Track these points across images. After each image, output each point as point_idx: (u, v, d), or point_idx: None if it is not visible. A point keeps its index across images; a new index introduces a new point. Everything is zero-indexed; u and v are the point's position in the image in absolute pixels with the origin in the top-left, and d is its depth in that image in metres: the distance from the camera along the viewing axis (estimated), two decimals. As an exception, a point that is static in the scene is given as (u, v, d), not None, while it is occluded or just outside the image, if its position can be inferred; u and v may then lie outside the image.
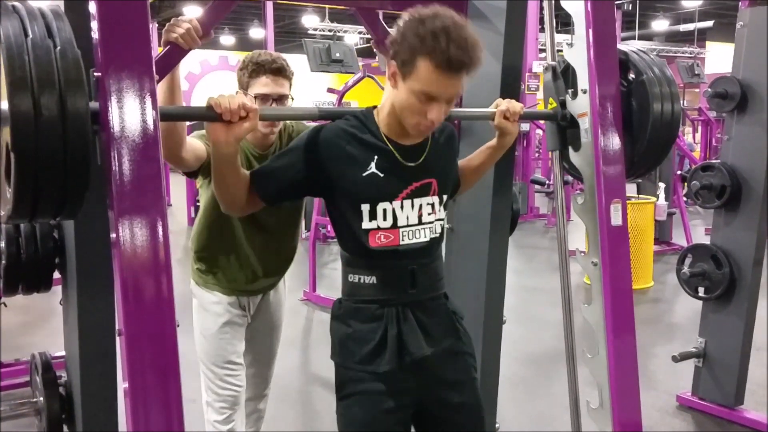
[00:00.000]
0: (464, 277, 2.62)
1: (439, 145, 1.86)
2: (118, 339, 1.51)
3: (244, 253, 2.37)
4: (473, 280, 2.58)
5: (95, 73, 1.48)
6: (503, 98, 2.04)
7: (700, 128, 13.86)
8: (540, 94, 14.21)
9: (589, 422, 2.29)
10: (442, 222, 1.85)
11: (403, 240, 1.76)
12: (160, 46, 2.04)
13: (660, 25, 21.84)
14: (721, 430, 3.70)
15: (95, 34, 1.51)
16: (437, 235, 1.83)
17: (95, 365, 2.09)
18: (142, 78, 1.50)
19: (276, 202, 1.87)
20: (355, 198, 1.74)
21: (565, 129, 2.26)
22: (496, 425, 2.70)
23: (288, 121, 2.47)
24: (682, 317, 5.97)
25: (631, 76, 2.23)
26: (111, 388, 2.10)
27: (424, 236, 1.79)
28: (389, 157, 1.75)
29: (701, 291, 3.89)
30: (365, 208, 1.73)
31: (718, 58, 18.22)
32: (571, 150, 2.27)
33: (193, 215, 10.52)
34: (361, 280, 1.78)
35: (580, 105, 2.23)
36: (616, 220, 2.19)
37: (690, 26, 19.99)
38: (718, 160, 3.82)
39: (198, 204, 10.72)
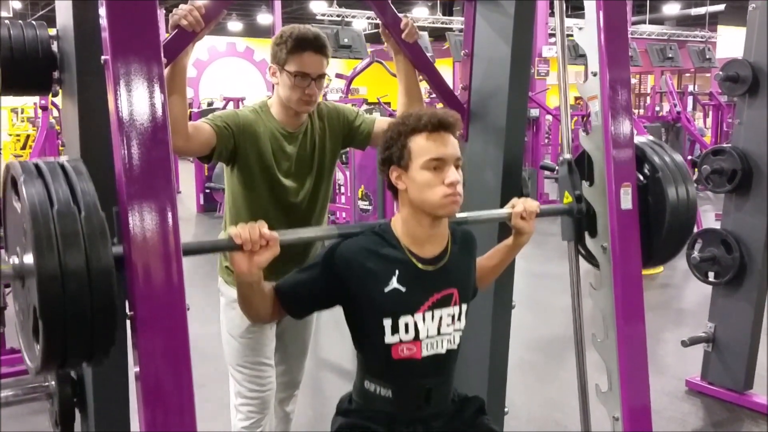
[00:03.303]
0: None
1: (459, 252, 1.85)
2: (129, 323, 1.51)
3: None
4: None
5: (103, 57, 1.49)
6: (513, 88, 2.01)
7: (711, 113, 13.77)
8: (549, 80, 14.15)
9: (598, 406, 2.29)
10: (460, 333, 1.84)
11: (424, 352, 1.76)
12: (167, 31, 2.03)
13: (671, 8, 21.65)
14: (730, 415, 3.70)
15: (103, 20, 1.51)
16: (455, 347, 1.82)
17: (106, 350, 2.10)
18: (149, 62, 1.50)
19: (301, 316, 1.92)
20: (378, 313, 1.73)
21: (581, 221, 2.26)
22: (505, 410, 2.70)
23: (321, 101, 2.41)
24: (691, 302, 5.96)
25: (647, 171, 2.24)
26: (122, 373, 2.11)
27: (441, 347, 1.78)
28: (410, 268, 1.75)
29: (711, 276, 3.88)
30: (387, 323, 1.73)
31: (730, 43, 18.06)
32: (581, 133, 2.26)
33: (202, 202, 10.55)
34: (377, 391, 1.79)
35: (591, 88, 2.22)
36: (626, 203, 2.18)
37: (701, 10, 19.80)
38: (729, 145, 3.79)
39: (207, 191, 10.73)
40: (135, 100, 1.48)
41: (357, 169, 7.07)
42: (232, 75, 21.59)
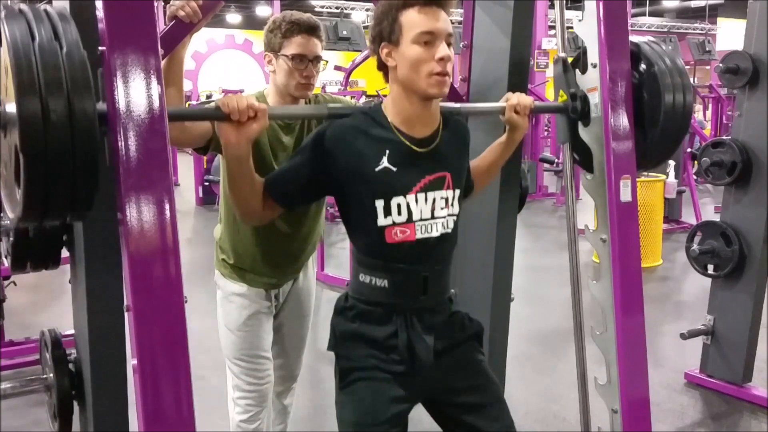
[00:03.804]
0: (472, 256, 2.61)
1: (451, 138, 1.82)
2: (126, 315, 1.51)
3: (272, 240, 2.31)
4: (481, 258, 2.57)
5: (100, 48, 1.48)
6: (512, 80, 2.00)
7: (710, 105, 13.76)
8: (550, 72, 14.16)
9: (597, 399, 2.29)
10: (455, 218, 1.81)
11: (418, 234, 1.73)
12: (165, 22, 2.02)
13: (671, 0, 21.61)
14: (729, 407, 3.71)
15: (100, 11, 1.50)
16: (449, 231, 1.79)
17: (104, 342, 2.10)
18: (147, 53, 1.49)
19: (293, 206, 1.87)
20: (369, 194, 1.71)
21: (576, 121, 2.23)
22: (504, 402, 2.70)
23: (319, 93, 2.40)
24: (690, 295, 5.97)
25: (642, 67, 2.20)
26: (120, 364, 2.11)
27: (435, 230, 1.76)
28: (401, 148, 1.72)
29: (710, 268, 3.89)
30: (379, 204, 1.71)
31: (730, 35, 18.03)
32: (580, 125, 2.25)
33: (201, 194, 10.54)
34: (373, 282, 1.76)
35: (590, 79, 2.21)
36: (625, 196, 2.17)
37: (701, 2, 19.78)
38: (729, 137, 3.79)
39: (206, 183, 10.71)
40: (132, 92, 1.47)
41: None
42: (231, 67, 21.55)
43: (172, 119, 1.53)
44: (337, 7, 17.88)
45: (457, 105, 1.94)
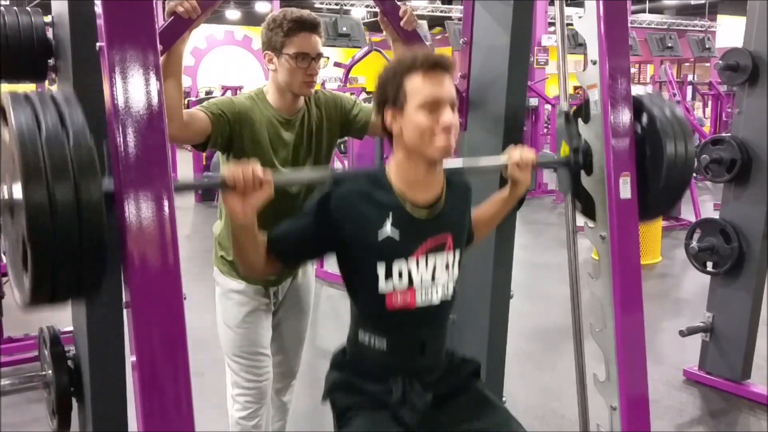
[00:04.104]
0: (472, 253, 2.61)
1: (454, 199, 1.83)
2: (125, 312, 1.51)
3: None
4: (481, 255, 2.57)
5: (98, 44, 1.47)
6: (512, 77, 1.99)
7: (710, 102, 13.76)
8: (549, 69, 14.12)
9: (596, 395, 2.29)
10: (454, 283, 1.82)
11: (418, 300, 1.74)
12: (164, 18, 2.02)
13: (671, -3, 21.60)
14: (728, 404, 3.71)
15: (98, 7, 1.50)
16: (449, 299, 1.80)
17: (103, 339, 2.10)
18: (145, 49, 1.48)
19: (296, 265, 1.90)
20: (371, 258, 1.71)
21: (578, 174, 2.24)
22: (503, 399, 2.71)
23: (319, 90, 2.41)
24: (689, 292, 5.97)
25: (644, 121, 2.21)
26: (119, 362, 2.11)
27: (435, 295, 1.76)
28: (404, 214, 1.72)
29: (709, 265, 3.89)
30: (381, 268, 1.71)
31: (730, 32, 18.02)
32: (580, 122, 2.25)
33: (200, 191, 10.53)
34: (372, 344, 1.78)
35: (590, 76, 2.20)
36: (625, 193, 2.17)
37: (701, -1, 19.77)
38: (729, 134, 3.79)
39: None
40: (131, 88, 1.47)
41: (355, 158, 7.06)
42: (231, 63, 21.52)
43: (178, 190, 1.53)
44: (336, 4, 17.83)
45: (459, 161, 1.94)
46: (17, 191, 1.30)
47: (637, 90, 2.24)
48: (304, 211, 1.79)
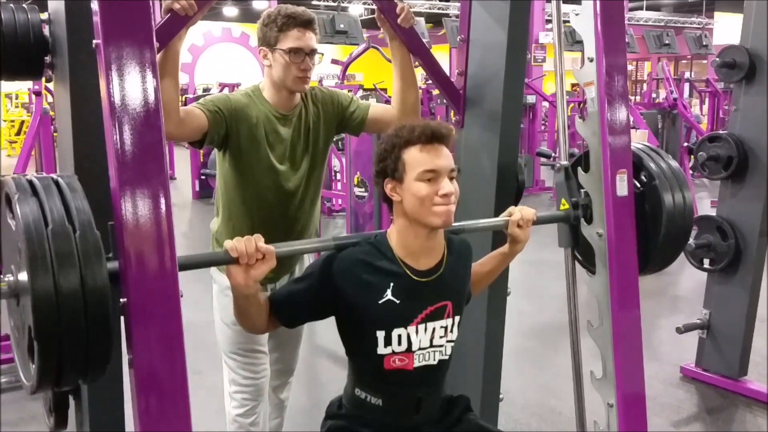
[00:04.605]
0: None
1: (455, 263, 1.85)
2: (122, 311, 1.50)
3: (268, 235, 2.30)
4: (477, 252, 2.57)
5: (95, 42, 1.47)
6: (509, 74, 1.99)
7: (707, 100, 13.76)
8: (546, 66, 14.12)
9: (593, 392, 2.29)
10: (452, 344, 1.84)
11: (416, 363, 1.77)
12: (161, 15, 2.01)
13: (668, -5, 21.60)
14: (725, 401, 3.72)
15: (95, 4, 1.49)
16: (446, 358, 1.83)
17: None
18: (142, 46, 1.48)
19: (296, 325, 1.94)
20: (371, 325, 1.74)
21: (578, 228, 2.25)
22: (501, 396, 2.71)
23: (315, 85, 2.40)
24: (686, 289, 5.98)
25: (643, 179, 2.24)
26: (116, 359, 2.10)
27: (433, 359, 1.79)
28: (405, 281, 1.75)
29: (706, 262, 3.89)
30: (381, 334, 1.73)
31: (727, 29, 18.02)
32: (577, 120, 2.25)
33: (197, 188, 10.52)
34: (368, 399, 1.81)
35: (587, 74, 2.20)
36: (622, 190, 2.17)
37: (698, -4, 19.76)
38: (726, 131, 3.79)
39: (202, 177, 10.69)
40: (127, 85, 1.47)
41: (353, 155, 7.05)
42: (228, 60, 21.50)
43: (182, 269, 1.53)
44: (334, 1, 17.82)
45: (460, 224, 1.96)
46: (23, 277, 1.31)
47: (634, 146, 2.26)
48: (306, 273, 1.82)
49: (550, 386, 3.91)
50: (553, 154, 10.18)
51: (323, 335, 4.68)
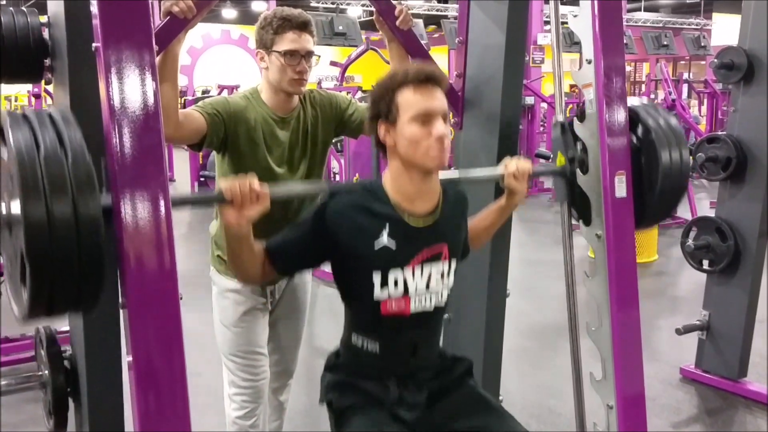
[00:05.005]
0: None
1: (450, 211, 1.85)
2: (121, 312, 1.51)
3: (268, 236, 2.31)
4: (477, 253, 2.57)
5: (94, 45, 1.47)
6: (508, 76, 2.00)
7: (705, 101, 13.77)
8: (545, 68, 14.12)
9: (592, 394, 2.29)
10: (448, 290, 1.85)
11: (412, 307, 1.77)
12: (160, 18, 2.01)
13: (666, -4, 21.61)
14: (725, 402, 3.72)
15: (94, 7, 1.50)
16: (442, 304, 1.83)
17: (99, 339, 2.10)
18: (141, 49, 1.48)
19: (291, 274, 1.93)
20: (367, 268, 1.74)
21: (574, 183, 2.25)
22: (500, 397, 2.71)
23: (314, 88, 2.41)
24: (686, 290, 5.98)
25: (640, 132, 2.23)
26: (115, 361, 2.11)
27: (428, 303, 1.79)
28: (400, 224, 1.75)
29: (705, 264, 3.89)
30: (377, 277, 1.73)
31: (725, 30, 18.06)
32: (576, 121, 2.25)
33: (197, 190, 10.52)
34: (365, 346, 1.81)
35: (585, 75, 2.21)
36: (620, 192, 2.17)
37: (696, -3, 19.78)
38: (724, 132, 3.79)
39: (201, 179, 10.67)
40: (126, 88, 1.47)
41: (352, 157, 7.06)
42: (227, 63, 21.51)
43: (176, 205, 1.53)
44: (332, 3, 17.84)
45: (456, 173, 1.95)
46: (15, 208, 1.31)
47: (632, 101, 2.25)
48: (302, 221, 1.82)
49: (549, 387, 3.91)
50: (551, 156, 10.18)
51: (322, 336, 4.68)
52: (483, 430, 1.81)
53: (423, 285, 1.77)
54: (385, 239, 1.72)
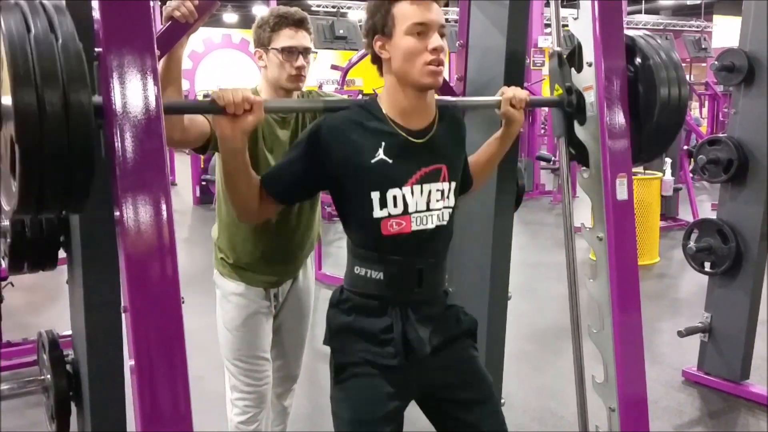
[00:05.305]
0: (469, 253, 2.62)
1: (447, 130, 1.83)
2: (123, 316, 1.51)
3: (271, 238, 2.31)
4: (478, 256, 2.57)
5: (96, 50, 1.48)
6: (508, 79, 2.01)
7: (707, 103, 13.76)
8: (546, 70, 14.13)
9: (594, 397, 2.29)
10: (450, 210, 1.82)
11: (413, 226, 1.74)
12: (161, 23, 2.02)
13: (667, -2, 21.62)
14: (727, 405, 3.71)
15: (96, 12, 1.50)
16: (444, 223, 1.80)
17: (101, 343, 2.10)
18: (143, 54, 1.49)
19: (290, 201, 1.86)
20: (365, 186, 1.71)
21: (572, 115, 2.24)
22: (502, 400, 2.71)
23: (315, 90, 2.42)
24: (687, 292, 5.98)
25: (638, 61, 2.21)
26: (117, 365, 2.10)
27: (431, 222, 1.76)
28: (397, 140, 1.73)
29: (707, 266, 3.89)
30: (375, 195, 1.71)
31: (726, 32, 18.05)
32: (576, 124, 2.25)
33: (198, 194, 10.53)
34: (368, 275, 1.76)
35: (586, 78, 2.21)
36: (622, 194, 2.17)
37: (697, -1, 19.79)
38: (725, 134, 3.79)
39: (203, 182, 10.67)
40: (128, 93, 1.47)
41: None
42: (228, 67, 21.52)
43: (167, 113, 1.53)
44: (333, 6, 17.85)
45: (453, 99, 1.94)
46: (6, 99, 1.30)
47: (631, 32, 2.24)
48: (296, 142, 1.80)
49: (550, 389, 3.91)
50: (552, 158, 10.18)
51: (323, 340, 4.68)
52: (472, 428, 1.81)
53: (423, 204, 1.75)
54: (381, 154, 1.71)
